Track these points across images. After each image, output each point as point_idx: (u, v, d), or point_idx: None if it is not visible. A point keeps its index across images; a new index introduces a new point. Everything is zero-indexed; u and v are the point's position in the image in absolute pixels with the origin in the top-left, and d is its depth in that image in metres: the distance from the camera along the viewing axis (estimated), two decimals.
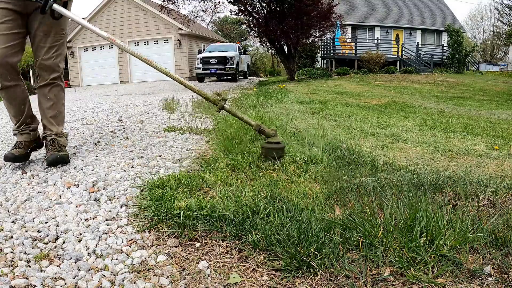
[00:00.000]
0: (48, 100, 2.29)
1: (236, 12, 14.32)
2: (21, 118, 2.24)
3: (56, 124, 2.30)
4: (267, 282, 1.11)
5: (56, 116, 2.32)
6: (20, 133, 2.24)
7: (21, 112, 2.23)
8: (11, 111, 2.24)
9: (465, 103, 7.69)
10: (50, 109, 2.29)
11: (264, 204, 1.48)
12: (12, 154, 2.14)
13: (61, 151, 2.21)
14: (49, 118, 2.29)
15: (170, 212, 1.44)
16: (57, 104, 2.33)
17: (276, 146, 2.10)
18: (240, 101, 5.84)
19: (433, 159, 2.39)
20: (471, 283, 1.08)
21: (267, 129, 2.13)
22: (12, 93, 2.15)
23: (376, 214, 1.48)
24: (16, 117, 2.25)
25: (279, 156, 2.08)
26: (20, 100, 2.21)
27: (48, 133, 2.27)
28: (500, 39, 32.48)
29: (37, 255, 1.22)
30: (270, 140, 2.11)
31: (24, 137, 2.24)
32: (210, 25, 37.10)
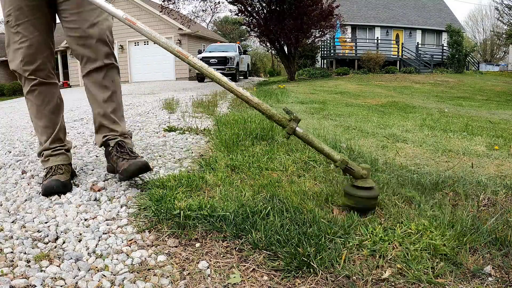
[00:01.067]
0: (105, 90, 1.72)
1: (236, 12, 14.34)
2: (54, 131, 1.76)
3: (119, 120, 1.78)
4: (267, 282, 1.11)
5: (117, 110, 1.78)
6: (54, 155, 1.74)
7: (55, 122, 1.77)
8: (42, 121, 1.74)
9: (465, 103, 7.69)
10: (109, 101, 1.73)
11: (264, 204, 1.48)
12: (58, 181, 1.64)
13: (137, 156, 1.72)
14: (110, 115, 1.74)
15: (170, 212, 1.44)
16: (117, 94, 1.78)
17: (367, 195, 1.44)
18: (240, 101, 5.84)
19: (433, 159, 2.39)
20: (471, 283, 1.08)
21: (357, 168, 1.45)
22: (49, 92, 1.74)
23: (376, 214, 1.48)
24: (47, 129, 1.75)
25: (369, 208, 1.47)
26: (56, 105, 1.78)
27: (111, 134, 1.75)
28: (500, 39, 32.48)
29: (37, 255, 1.22)
30: (359, 183, 1.45)
31: (61, 159, 1.75)
32: (210, 25, 37.11)
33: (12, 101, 10.81)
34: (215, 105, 5.27)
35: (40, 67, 1.68)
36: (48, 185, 1.65)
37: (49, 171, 1.72)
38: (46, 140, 1.75)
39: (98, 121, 1.77)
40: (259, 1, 13.78)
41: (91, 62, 1.69)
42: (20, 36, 1.62)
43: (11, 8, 1.60)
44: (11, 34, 1.64)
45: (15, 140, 3.07)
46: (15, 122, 4.55)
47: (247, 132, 2.66)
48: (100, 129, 1.78)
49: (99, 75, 1.71)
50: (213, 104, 5.26)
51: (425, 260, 1.16)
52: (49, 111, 1.75)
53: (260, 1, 13.79)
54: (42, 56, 1.68)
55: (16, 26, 1.61)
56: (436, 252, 1.19)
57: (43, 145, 1.77)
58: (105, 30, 1.70)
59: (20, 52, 1.63)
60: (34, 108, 1.73)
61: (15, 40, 1.63)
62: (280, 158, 2.16)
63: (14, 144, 2.92)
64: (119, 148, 1.72)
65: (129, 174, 1.63)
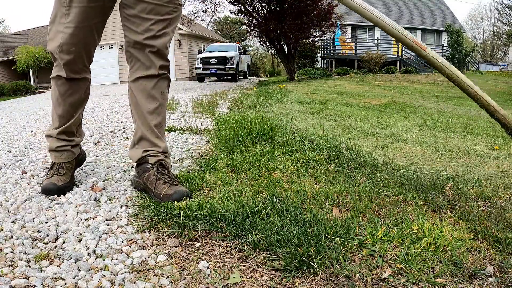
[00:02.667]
0: (153, 100, 1.58)
1: (236, 12, 14.35)
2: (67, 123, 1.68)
3: (162, 136, 1.65)
4: (267, 282, 1.11)
5: (161, 125, 1.64)
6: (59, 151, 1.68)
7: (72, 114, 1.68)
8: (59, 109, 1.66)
9: (465, 103, 7.69)
10: (155, 113, 1.59)
11: (264, 204, 1.48)
12: (54, 185, 1.60)
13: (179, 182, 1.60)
14: (153, 128, 1.59)
15: (170, 212, 1.44)
16: (164, 107, 1.64)
17: None
18: (240, 101, 5.84)
19: (433, 159, 2.39)
20: (471, 283, 1.08)
21: None
22: (75, 85, 1.63)
23: (376, 214, 1.48)
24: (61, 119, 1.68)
25: None
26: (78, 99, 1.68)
27: (153, 151, 1.59)
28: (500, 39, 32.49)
29: (37, 255, 1.22)
30: None
31: (65, 157, 1.69)
32: (210, 25, 37.11)
33: (12, 101, 10.81)
34: (215, 105, 5.27)
35: (76, 60, 1.54)
36: (45, 187, 1.65)
37: (51, 167, 1.69)
38: (57, 127, 1.68)
39: (140, 133, 1.61)
40: (259, 1, 13.79)
41: (144, 69, 1.57)
42: (68, 20, 1.46)
43: None
44: (59, 12, 1.49)
45: (15, 140, 3.07)
46: (15, 122, 4.55)
47: (247, 132, 2.66)
48: (140, 142, 1.62)
49: (150, 83, 1.57)
50: (213, 104, 5.26)
51: (425, 260, 1.16)
52: (69, 103, 1.65)
53: (260, 1, 13.79)
54: (83, 48, 1.54)
55: (69, 7, 1.45)
56: (436, 252, 1.19)
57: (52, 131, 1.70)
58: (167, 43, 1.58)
59: (61, 37, 1.49)
60: (56, 94, 1.64)
61: (61, 21, 1.48)
62: (280, 158, 2.16)
63: (14, 144, 2.92)
64: (160, 169, 1.58)
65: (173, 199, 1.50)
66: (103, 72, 18.84)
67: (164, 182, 1.54)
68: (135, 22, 1.54)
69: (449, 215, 1.49)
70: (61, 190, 1.63)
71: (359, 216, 1.44)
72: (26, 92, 18.60)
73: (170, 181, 1.54)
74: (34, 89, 19.73)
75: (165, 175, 1.56)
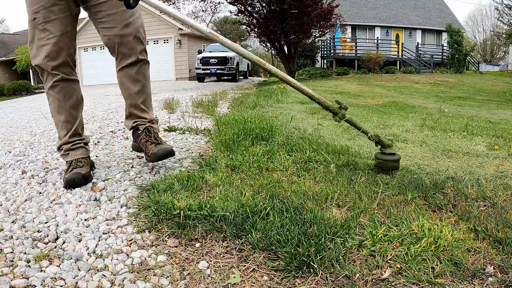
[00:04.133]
0: (137, 83, 1.88)
1: (236, 12, 14.34)
2: (73, 126, 1.84)
3: (148, 109, 1.97)
4: (267, 282, 1.11)
5: (147, 101, 1.96)
6: (73, 149, 1.83)
7: (75, 117, 1.85)
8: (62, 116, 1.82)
9: (465, 103, 7.69)
10: (140, 93, 1.90)
11: (264, 204, 1.48)
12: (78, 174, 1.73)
13: (163, 142, 1.92)
14: (140, 105, 1.92)
15: (170, 212, 1.44)
16: (146, 86, 1.94)
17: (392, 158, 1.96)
18: (240, 101, 5.84)
19: (433, 159, 2.39)
20: (471, 283, 1.08)
21: (385, 139, 2.00)
22: (70, 89, 1.81)
23: (376, 214, 1.48)
24: (67, 124, 1.83)
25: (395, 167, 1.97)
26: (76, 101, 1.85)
27: (140, 121, 1.93)
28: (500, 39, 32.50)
29: (37, 255, 1.22)
30: (386, 151, 1.98)
31: (81, 152, 1.85)
32: (210, 25, 37.09)
33: (12, 101, 10.81)
34: (215, 105, 5.27)
35: (64, 63, 1.75)
36: (69, 178, 1.74)
37: (70, 165, 1.81)
38: (65, 134, 1.84)
39: (129, 110, 1.96)
40: (259, 1, 13.78)
41: (126, 58, 1.84)
42: (47, 33, 1.68)
43: (39, 6, 1.66)
44: (37, 31, 1.70)
45: (15, 140, 3.07)
46: (15, 122, 4.55)
47: (247, 132, 2.66)
48: (130, 116, 1.98)
49: (133, 69, 1.86)
50: (213, 104, 5.26)
51: (425, 260, 1.16)
52: (70, 106, 1.83)
53: (260, 1, 13.78)
54: (66, 53, 1.75)
55: (44, 23, 1.68)
56: (436, 252, 1.19)
57: (62, 140, 1.85)
58: (139, 27, 1.84)
59: (45, 49, 1.69)
60: (56, 103, 1.81)
61: (41, 36, 1.70)
62: (280, 158, 2.16)
63: (14, 144, 2.92)
64: (148, 133, 1.93)
65: (157, 157, 1.84)
66: (103, 73, 18.84)
67: (151, 143, 1.89)
68: (107, 20, 1.78)
69: (449, 215, 1.49)
70: (86, 178, 1.77)
71: (359, 216, 1.44)
72: (26, 92, 18.60)
73: (156, 142, 1.90)
74: (34, 89, 19.73)
75: (152, 137, 1.91)
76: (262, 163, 2.05)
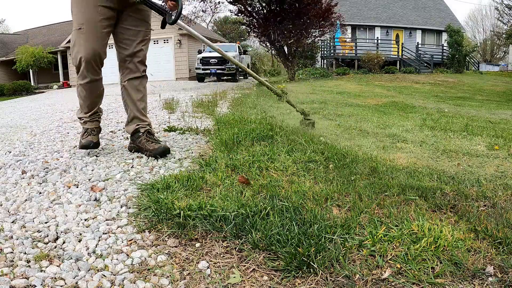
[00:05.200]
0: (139, 92, 2.35)
1: (236, 12, 14.33)
2: (94, 108, 2.33)
3: (146, 115, 2.41)
4: (267, 282, 1.11)
5: (146, 108, 2.41)
6: (91, 121, 2.34)
7: (96, 103, 2.35)
8: (87, 102, 2.29)
9: (465, 103, 7.69)
10: (140, 100, 2.35)
11: (264, 204, 1.48)
12: (91, 142, 2.26)
13: (161, 141, 2.38)
14: (141, 110, 2.35)
15: (170, 212, 1.44)
16: (145, 96, 2.41)
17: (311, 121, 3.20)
18: (240, 101, 5.84)
19: (433, 159, 2.39)
20: (471, 283, 1.08)
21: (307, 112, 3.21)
22: (97, 86, 2.26)
23: (376, 214, 1.48)
24: (90, 107, 2.32)
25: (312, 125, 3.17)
26: (100, 93, 2.33)
27: (142, 124, 2.34)
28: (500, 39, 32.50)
29: (37, 255, 1.22)
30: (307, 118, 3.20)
31: (95, 124, 2.36)
32: (210, 25, 37.10)
33: (12, 101, 10.81)
34: (215, 105, 5.28)
35: (96, 67, 2.17)
36: (85, 143, 2.27)
37: (86, 131, 2.32)
38: (87, 112, 2.33)
39: (133, 114, 2.35)
40: (259, 1, 13.77)
41: (133, 72, 2.33)
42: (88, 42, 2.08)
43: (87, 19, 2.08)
44: (79, 38, 2.09)
45: (15, 140, 3.07)
46: (15, 122, 4.55)
47: (247, 132, 2.66)
48: (133, 120, 2.36)
49: (136, 82, 2.34)
50: (213, 104, 5.26)
51: (425, 260, 1.16)
52: (94, 97, 2.31)
53: (260, 1, 13.77)
54: (99, 59, 2.16)
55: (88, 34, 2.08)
56: (436, 252, 1.19)
57: (84, 115, 2.33)
58: (146, 52, 2.37)
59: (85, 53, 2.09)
60: (84, 94, 2.26)
61: (81, 43, 2.09)
62: (280, 158, 2.16)
63: (14, 144, 2.92)
64: (149, 134, 2.33)
65: (159, 153, 2.24)
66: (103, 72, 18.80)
67: (151, 142, 2.29)
68: (126, 43, 2.29)
69: (449, 215, 1.49)
70: (96, 144, 2.31)
71: (359, 216, 1.44)
72: (26, 92, 18.58)
73: (156, 141, 2.32)
74: (34, 89, 19.70)
75: (152, 137, 2.33)
76: (262, 163, 2.05)
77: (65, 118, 4.25)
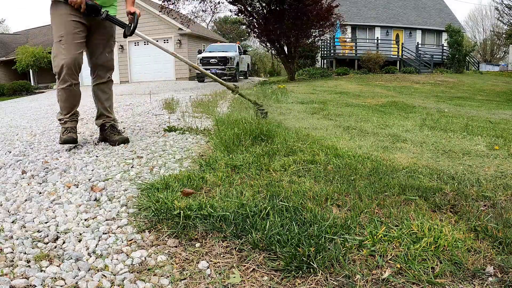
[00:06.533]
0: (106, 94, 2.80)
1: (236, 12, 14.32)
2: (73, 110, 2.61)
3: (112, 112, 2.86)
4: (267, 282, 1.11)
5: (111, 106, 2.88)
6: (71, 121, 2.61)
7: (75, 105, 2.63)
8: (67, 104, 2.57)
9: (465, 103, 7.69)
10: (107, 100, 2.81)
11: (264, 204, 1.48)
12: (71, 137, 2.52)
13: (122, 133, 2.86)
14: (107, 108, 2.81)
15: (170, 212, 1.44)
16: (111, 96, 2.88)
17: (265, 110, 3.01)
18: (240, 101, 5.84)
19: (433, 159, 2.39)
20: (471, 283, 1.08)
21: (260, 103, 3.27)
22: (76, 90, 2.54)
23: (376, 214, 1.48)
24: (70, 109, 2.59)
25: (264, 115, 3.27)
26: (79, 96, 2.62)
27: (107, 119, 2.79)
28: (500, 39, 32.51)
29: (37, 255, 1.22)
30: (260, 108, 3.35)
31: (74, 123, 2.63)
32: (210, 25, 37.09)
33: (12, 101, 10.81)
34: (215, 105, 5.27)
35: (75, 73, 2.48)
36: (67, 138, 2.51)
37: (66, 129, 2.56)
38: (66, 114, 2.59)
39: (100, 112, 2.81)
40: (259, 1, 13.76)
41: (101, 78, 2.76)
42: (68, 51, 2.41)
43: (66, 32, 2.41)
44: (61, 48, 2.42)
45: (15, 140, 3.07)
46: (15, 122, 4.55)
47: (247, 132, 2.65)
48: (100, 116, 2.81)
49: (104, 85, 2.79)
50: (213, 104, 5.26)
51: (425, 260, 1.16)
52: (73, 99, 2.58)
53: (260, 1, 13.76)
54: (79, 65, 2.48)
55: (67, 45, 2.41)
56: (436, 252, 1.19)
57: (64, 116, 2.59)
58: (113, 62, 2.83)
59: (65, 62, 2.41)
60: (64, 97, 2.54)
61: (63, 53, 2.41)
62: (280, 158, 2.16)
63: (14, 144, 2.92)
64: (112, 127, 2.80)
65: (119, 143, 2.68)
66: None
67: (114, 134, 2.76)
68: (96, 54, 2.69)
69: (449, 215, 1.49)
70: (75, 140, 2.56)
71: (359, 216, 1.44)
72: (26, 92, 18.57)
73: (118, 134, 2.79)
74: (34, 89, 19.69)
75: (115, 131, 2.80)
76: (262, 163, 2.05)
77: None
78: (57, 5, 2.46)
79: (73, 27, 2.44)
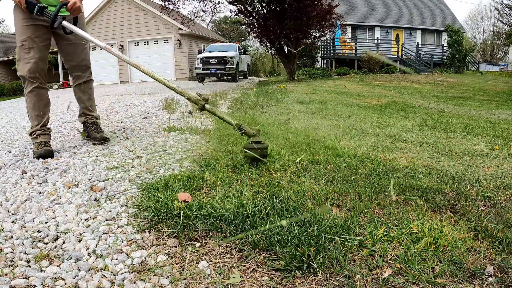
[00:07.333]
0: (86, 94, 2.82)
1: (236, 12, 14.32)
2: (43, 119, 2.52)
3: (94, 110, 2.90)
4: (267, 282, 1.11)
5: (93, 104, 2.90)
6: (42, 134, 2.50)
7: (44, 113, 2.54)
8: (36, 112, 2.49)
9: (465, 103, 7.69)
10: (88, 100, 2.85)
11: (264, 204, 1.48)
12: (48, 150, 2.40)
13: (103, 131, 2.88)
14: (89, 107, 2.85)
15: (170, 212, 1.44)
16: (92, 94, 2.89)
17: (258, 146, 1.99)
18: (240, 101, 5.84)
19: (433, 159, 2.39)
20: (471, 283, 1.08)
21: (249, 129, 2.05)
22: (42, 94, 2.50)
23: (376, 214, 1.48)
24: (39, 117, 2.51)
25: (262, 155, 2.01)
26: (46, 102, 2.55)
27: (89, 117, 2.85)
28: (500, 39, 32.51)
29: (37, 255, 1.22)
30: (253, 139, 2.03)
31: (46, 137, 2.51)
32: (210, 25, 37.09)
33: (12, 101, 10.81)
34: (215, 105, 5.27)
35: (40, 76, 2.46)
36: (43, 152, 2.38)
37: (40, 144, 2.45)
38: (37, 124, 2.50)
39: (82, 110, 2.87)
40: (259, 1, 13.76)
41: (80, 78, 2.75)
42: (30, 55, 2.40)
43: (27, 37, 2.38)
44: (23, 53, 2.40)
45: (15, 140, 3.07)
46: (15, 122, 4.55)
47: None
48: (83, 114, 2.88)
49: (84, 85, 2.78)
50: (213, 104, 5.26)
51: (425, 260, 1.16)
52: (42, 106, 2.52)
53: (260, 1, 13.76)
54: (42, 69, 2.46)
55: (29, 49, 2.39)
56: (436, 252, 1.19)
57: (34, 128, 2.50)
58: (89, 60, 2.78)
59: (28, 66, 2.39)
60: (32, 103, 2.49)
61: (25, 57, 2.40)
62: (280, 158, 2.16)
63: (14, 144, 2.92)
64: (94, 125, 2.86)
65: (99, 140, 2.74)
66: (103, 72, 18.82)
67: (96, 132, 2.81)
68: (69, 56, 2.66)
69: (449, 215, 1.49)
70: (52, 153, 2.44)
71: (359, 216, 1.44)
72: None
73: (99, 131, 2.82)
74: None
75: (96, 128, 2.84)
76: (262, 163, 2.05)
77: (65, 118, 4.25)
78: (17, 10, 2.43)
79: (33, 31, 2.39)
